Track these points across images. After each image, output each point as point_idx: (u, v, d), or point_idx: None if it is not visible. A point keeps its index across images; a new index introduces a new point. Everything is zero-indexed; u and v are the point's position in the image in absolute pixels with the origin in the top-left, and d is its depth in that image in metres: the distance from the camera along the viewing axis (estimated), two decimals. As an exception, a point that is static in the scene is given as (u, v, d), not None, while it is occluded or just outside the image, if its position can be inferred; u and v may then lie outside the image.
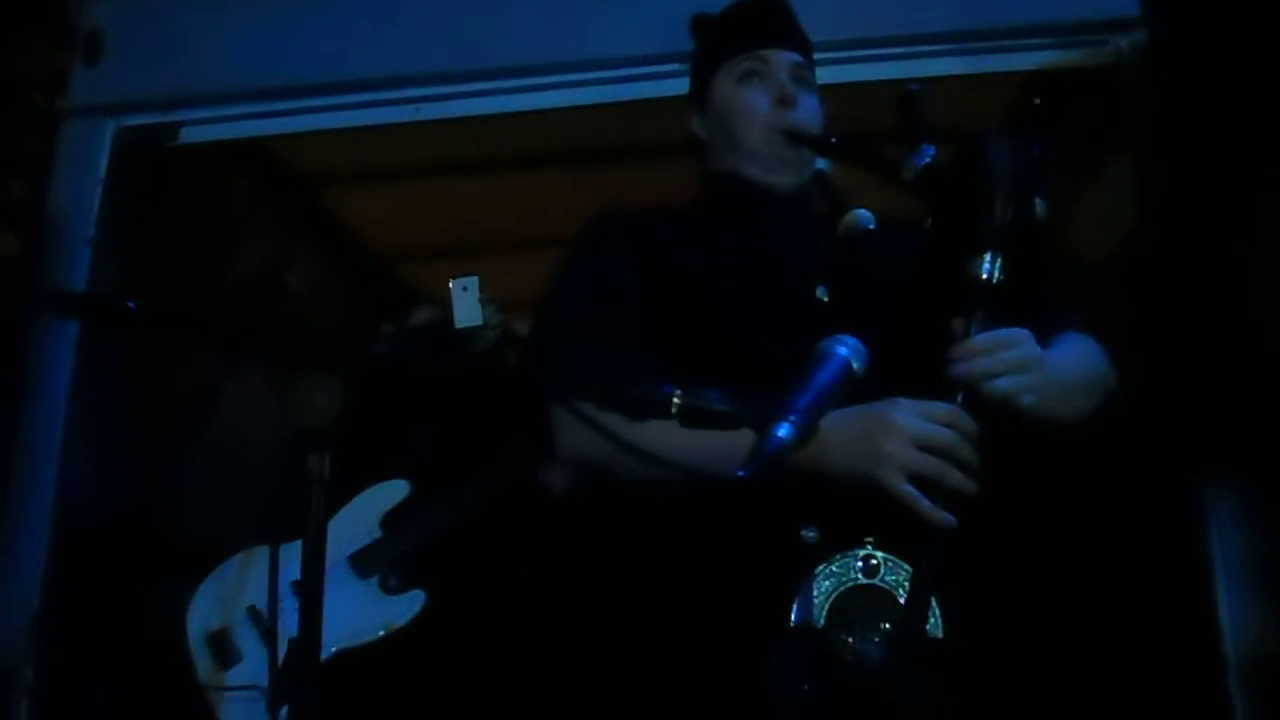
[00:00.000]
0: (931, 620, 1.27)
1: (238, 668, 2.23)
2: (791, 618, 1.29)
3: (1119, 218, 2.39)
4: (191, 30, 2.54)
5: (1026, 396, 1.27)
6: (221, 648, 2.24)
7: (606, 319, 1.48)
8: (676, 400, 1.05)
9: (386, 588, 2.33)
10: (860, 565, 1.30)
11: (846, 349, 1.17)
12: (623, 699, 1.45)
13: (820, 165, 1.60)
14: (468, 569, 2.46)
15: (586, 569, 2.24)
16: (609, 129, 2.74)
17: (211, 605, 2.28)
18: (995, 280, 1.25)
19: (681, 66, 1.79)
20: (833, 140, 1.55)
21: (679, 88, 1.77)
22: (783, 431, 1.07)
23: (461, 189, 3.28)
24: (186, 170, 2.66)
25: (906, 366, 1.27)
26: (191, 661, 2.23)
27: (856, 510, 1.29)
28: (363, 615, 2.29)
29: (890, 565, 1.30)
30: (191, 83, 2.52)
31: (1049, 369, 1.30)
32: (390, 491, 2.43)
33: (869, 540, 1.31)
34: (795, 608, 1.29)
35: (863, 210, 1.49)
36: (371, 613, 2.30)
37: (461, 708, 2.48)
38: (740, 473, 1.05)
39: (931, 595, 1.24)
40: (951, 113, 1.47)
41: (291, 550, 1.08)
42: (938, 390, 1.27)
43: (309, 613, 1.01)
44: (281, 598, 2.13)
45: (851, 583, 1.30)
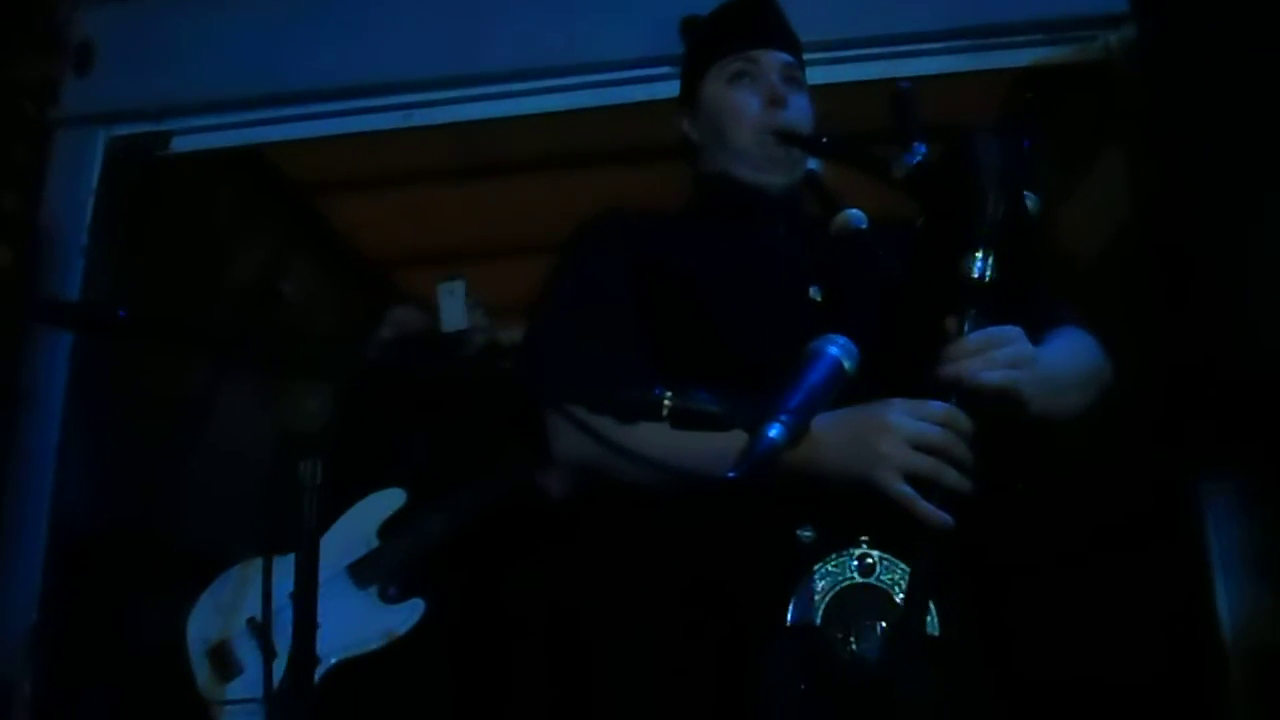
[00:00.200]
0: (929, 618, 1.27)
1: (238, 680, 2.22)
2: (788, 617, 1.29)
3: (1112, 212, 2.39)
4: (182, 39, 2.54)
5: (1019, 393, 1.27)
6: (222, 660, 2.24)
7: (599, 322, 1.48)
8: (667, 402, 1.05)
9: (385, 597, 2.32)
10: (856, 564, 1.30)
11: (837, 348, 1.17)
12: (620, 701, 1.44)
13: (811, 165, 1.60)
14: (466, 576, 2.45)
15: (583, 572, 2.24)
16: (601, 133, 2.74)
17: (211, 617, 2.27)
18: (987, 278, 1.25)
19: (671, 69, 1.79)
20: (823, 140, 1.55)
21: (669, 91, 1.77)
22: (774, 432, 1.07)
23: (454, 194, 3.28)
24: (178, 179, 2.66)
25: (900, 366, 1.27)
26: (192, 674, 2.22)
27: (852, 509, 1.28)
28: (362, 625, 2.27)
29: (886, 564, 1.30)
30: (182, 91, 2.52)
31: (1042, 365, 1.30)
32: (387, 500, 2.42)
33: (865, 539, 1.31)
34: (792, 607, 1.29)
35: (854, 210, 1.49)
36: (371, 622, 2.29)
37: (460, 714, 2.47)
38: (731, 473, 1.05)
39: (928, 595, 1.24)
40: (943, 111, 1.46)
41: (288, 560, 1.08)
42: (932, 389, 1.27)
43: (303, 622, 1.01)
44: (280, 610, 2.13)
45: (848, 582, 1.29)
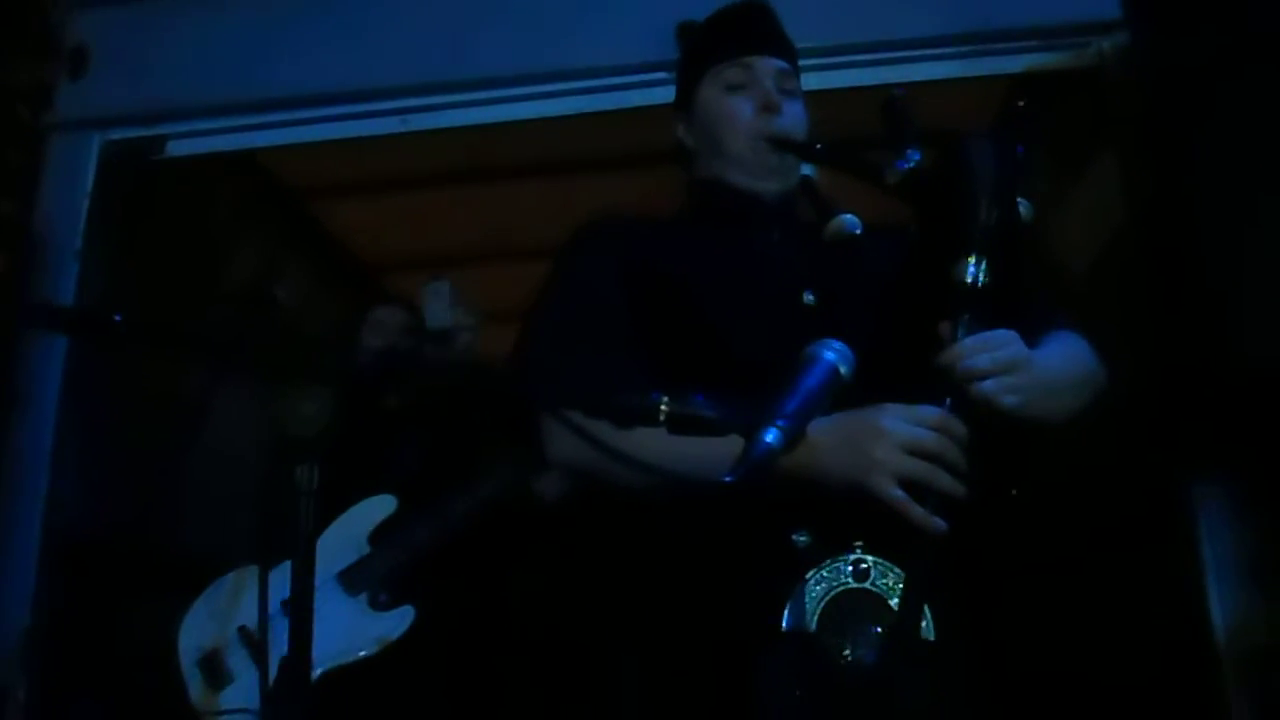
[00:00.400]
0: (924, 623, 1.27)
1: (230, 689, 2.20)
2: (783, 623, 1.29)
3: (1105, 218, 2.40)
4: (177, 43, 2.54)
5: (1013, 397, 1.27)
6: (214, 669, 2.22)
7: (594, 326, 1.48)
8: (664, 407, 1.05)
9: (376, 604, 2.30)
10: (851, 569, 1.30)
11: (833, 353, 1.17)
12: (616, 706, 1.44)
13: (806, 171, 1.60)
14: (459, 582, 2.43)
15: (578, 576, 2.24)
16: (596, 138, 2.74)
17: (203, 625, 2.25)
18: (980, 283, 1.25)
19: (667, 75, 1.79)
20: (817, 146, 1.55)
21: (665, 96, 1.78)
22: (770, 437, 1.07)
23: (449, 199, 3.28)
24: (173, 183, 2.66)
25: (894, 371, 1.27)
26: (184, 683, 2.20)
27: (846, 514, 1.28)
28: (353, 633, 2.25)
29: (881, 569, 1.30)
30: (177, 96, 2.52)
31: (1036, 369, 1.30)
32: (378, 506, 2.40)
33: (859, 544, 1.31)
34: (787, 612, 1.29)
35: (849, 215, 1.49)
36: (362, 630, 2.27)
37: (454, 720, 2.46)
38: (727, 478, 1.05)
39: (924, 599, 1.24)
40: (938, 117, 1.47)
41: (282, 569, 1.08)
42: (926, 394, 1.27)
43: (299, 630, 1.00)
44: (272, 618, 2.12)
45: (842, 587, 1.29)
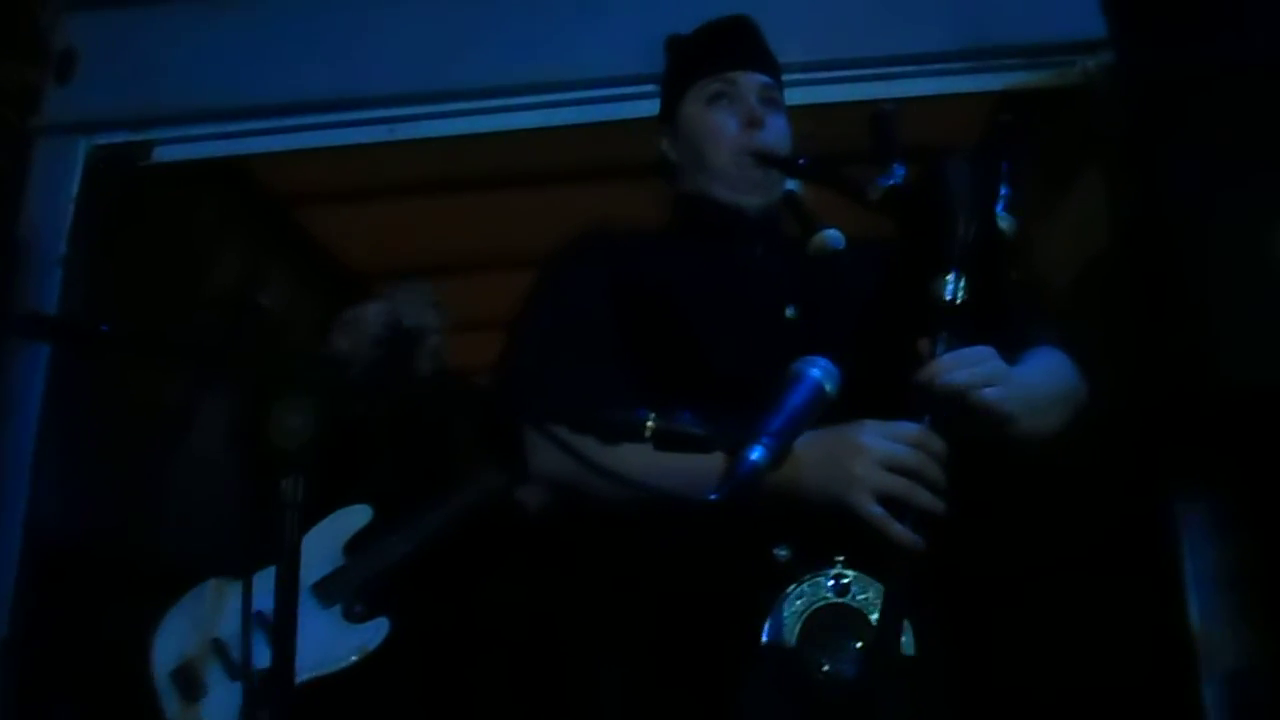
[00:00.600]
0: (904, 638, 1.27)
1: (204, 702, 2.18)
2: (763, 637, 1.29)
3: (1090, 235, 2.41)
4: (165, 49, 2.54)
5: (993, 410, 1.27)
6: (188, 682, 2.20)
7: (578, 339, 1.48)
8: (650, 424, 1.05)
9: (351, 615, 2.27)
10: (831, 584, 1.30)
11: (819, 370, 1.18)
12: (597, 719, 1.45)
13: (791, 186, 1.61)
14: (435, 593, 2.41)
15: (559, 588, 2.23)
16: (582, 150, 2.75)
17: (177, 637, 2.23)
18: (959, 300, 1.26)
19: (654, 88, 1.79)
20: (800, 161, 1.55)
21: (651, 109, 1.78)
22: (755, 454, 1.08)
23: (435, 208, 3.28)
24: (160, 189, 2.65)
25: (875, 386, 1.27)
26: (157, 695, 2.18)
27: (827, 529, 1.28)
28: (327, 645, 2.22)
29: (861, 584, 1.30)
30: (165, 102, 2.52)
31: (1016, 384, 1.30)
32: (353, 517, 2.37)
33: (840, 559, 1.31)
34: (767, 626, 1.29)
35: (832, 230, 1.49)
36: (337, 642, 2.24)
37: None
38: (713, 496, 1.06)
39: (904, 614, 1.24)
40: (925, 133, 1.48)
41: (254, 580, 1.07)
42: (905, 410, 1.28)
43: (282, 644, 1.00)
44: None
45: (823, 601, 1.29)
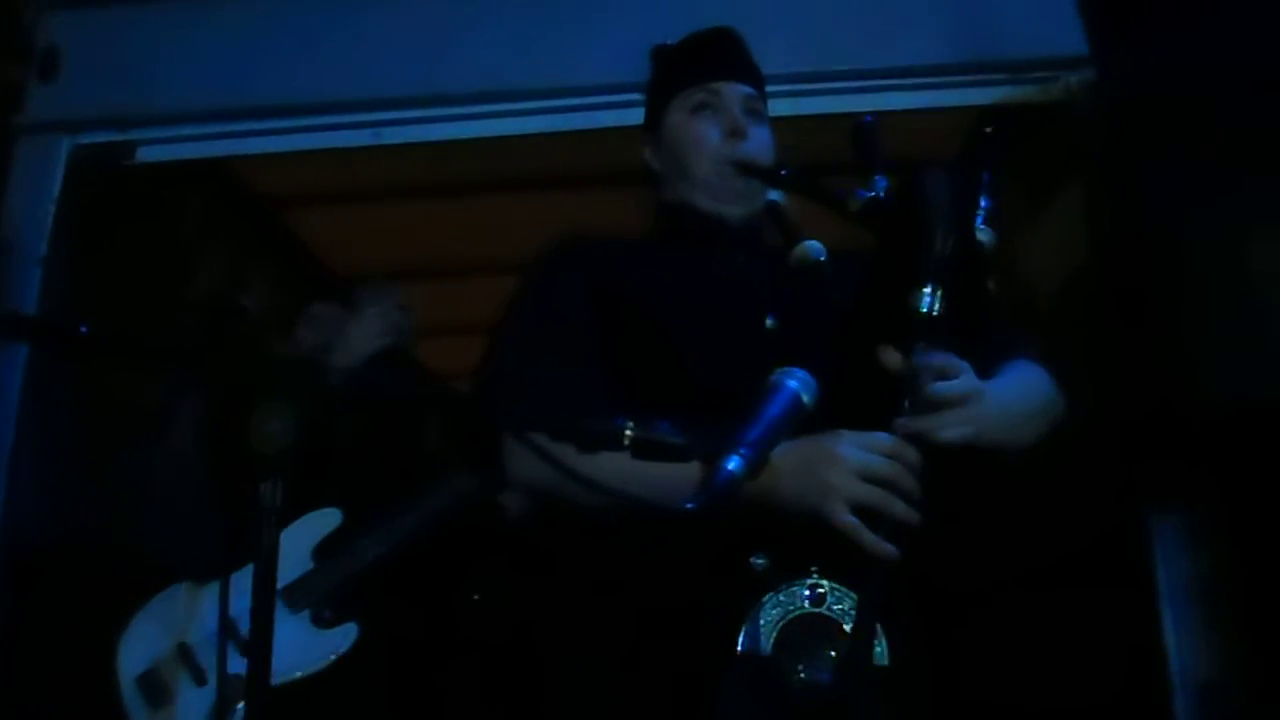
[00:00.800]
0: (878, 648, 1.28)
1: (168, 708, 2.16)
2: (739, 645, 1.29)
3: (1070, 249, 2.43)
4: (150, 49, 2.52)
5: (961, 429, 1.27)
6: (155, 687, 2.17)
7: (559, 347, 1.48)
8: (629, 433, 1.06)
9: (319, 621, 2.24)
10: (807, 593, 1.31)
11: (797, 382, 1.19)
12: (572, 726, 1.45)
13: (773, 196, 1.61)
14: (407, 597, 2.39)
15: (536, 594, 2.23)
16: (567, 156, 2.75)
17: (145, 641, 2.21)
18: (936, 312, 1.27)
19: (640, 96, 1.80)
20: (782, 172, 1.56)
21: (637, 117, 1.79)
22: (733, 464, 1.08)
23: (421, 213, 3.28)
24: (142, 190, 2.64)
25: (852, 397, 1.28)
26: (122, 702, 2.16)
27: (804, 539, 1.29)
28: (295, 650, 2.19)
29: (837, 594, 1.31)
30: (149, 101, 2.50)
31: (991, 398, 1.31)
32: (322, 520, 2.33)
33: (815, 569, 1.32)
34: (743, 635, 1.29)
35: (814, 241, 1.51)
36: (304, 647, 2.21)
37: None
38: (690, 505, 1.06)
39: (876, 624, 1.25)
40: (908, 146, 1.48)
41: (215, 587, 1.06)
42: (883, 421, 1.28)
43: (258, 645, 1.00)
44: (211, 636, 2.09)
45: (799, 611, 1.30)
